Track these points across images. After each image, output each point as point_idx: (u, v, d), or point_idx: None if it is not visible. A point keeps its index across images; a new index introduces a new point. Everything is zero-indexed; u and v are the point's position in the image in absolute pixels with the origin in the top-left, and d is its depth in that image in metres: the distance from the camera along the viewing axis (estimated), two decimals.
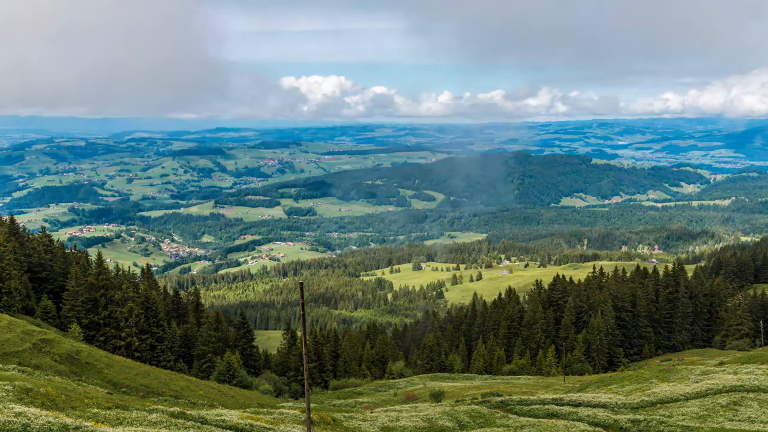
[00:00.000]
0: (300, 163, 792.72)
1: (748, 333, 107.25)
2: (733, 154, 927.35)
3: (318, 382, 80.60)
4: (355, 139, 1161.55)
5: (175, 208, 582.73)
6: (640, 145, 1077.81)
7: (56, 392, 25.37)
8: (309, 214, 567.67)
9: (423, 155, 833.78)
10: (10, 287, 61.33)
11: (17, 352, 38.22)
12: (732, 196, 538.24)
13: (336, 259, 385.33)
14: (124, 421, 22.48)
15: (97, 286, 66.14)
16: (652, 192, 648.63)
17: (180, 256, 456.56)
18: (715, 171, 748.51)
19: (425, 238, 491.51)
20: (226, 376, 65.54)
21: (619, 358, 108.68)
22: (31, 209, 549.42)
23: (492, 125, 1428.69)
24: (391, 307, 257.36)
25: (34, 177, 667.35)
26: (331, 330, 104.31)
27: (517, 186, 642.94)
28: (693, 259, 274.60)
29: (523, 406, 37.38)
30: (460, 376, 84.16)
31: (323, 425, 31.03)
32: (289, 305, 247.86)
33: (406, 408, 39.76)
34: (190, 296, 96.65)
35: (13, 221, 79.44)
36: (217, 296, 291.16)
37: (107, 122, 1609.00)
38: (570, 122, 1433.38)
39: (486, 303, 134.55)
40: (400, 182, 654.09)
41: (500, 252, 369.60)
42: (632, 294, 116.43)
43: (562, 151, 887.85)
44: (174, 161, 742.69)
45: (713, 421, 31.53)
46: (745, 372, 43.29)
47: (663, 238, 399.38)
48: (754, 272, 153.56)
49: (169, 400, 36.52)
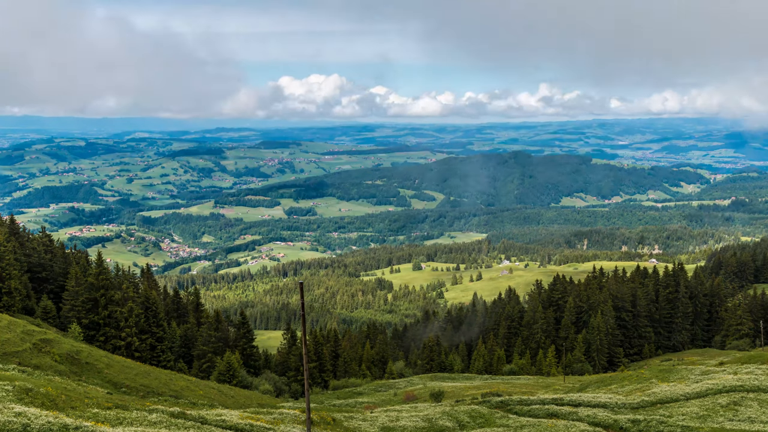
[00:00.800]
0: (300, 163, 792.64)
1: (748, 333, 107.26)
2: (733, 154, 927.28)
3: (318, 382, 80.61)
4: (355, 139, 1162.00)
5: (175, 208, 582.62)
6: (640, 145, 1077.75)
7: (56, 392, 25.37)
8: (309, 214, 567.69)
9: (423, 155, 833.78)
10: (10, 287, 61.35)
11: (17, 352, 38.22)
12: (732, 196, 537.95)
13: (336, 259, 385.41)
14: (124, 421, 22.48)
15: (97, 286, 66.12)
16: (652, 192, 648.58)
17: (180, 256, 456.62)
18: (715, 171, 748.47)
19: (425, 238, 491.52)
20: (226, 376, 65.54)
21: (619, 358, 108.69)
22: (31, 209, 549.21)
23: (492, 125, 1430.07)
24: (391, 307, 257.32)
25: (34, 177, 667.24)
26: (331, 330, 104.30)
27: (517, 186, 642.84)
28: (693, 259, 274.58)
29: (523, 406, 37.38)
30: (460, 376, 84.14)
31: (323, 425, 31.03)
32: (289, 305, 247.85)
33: (406, 408, 39.76)
34: (190, 296, 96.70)
35: (13, 221, 79.44)
36: (217, 296, 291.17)
37: (107, 122, 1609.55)
38: (570, 122, 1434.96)
39: (486, 303, 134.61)
40: (400, 182, 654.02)
41: (500, 252, 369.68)
42: (632, 294, 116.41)
43: (562, 151, 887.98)
44: (174, 161, 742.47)
45: (713, 421, 31.53)
46: (745, 372, 43.28)
47: (663, 238, 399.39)
48: (754, 272, 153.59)
49: (169, 400, 36.52)
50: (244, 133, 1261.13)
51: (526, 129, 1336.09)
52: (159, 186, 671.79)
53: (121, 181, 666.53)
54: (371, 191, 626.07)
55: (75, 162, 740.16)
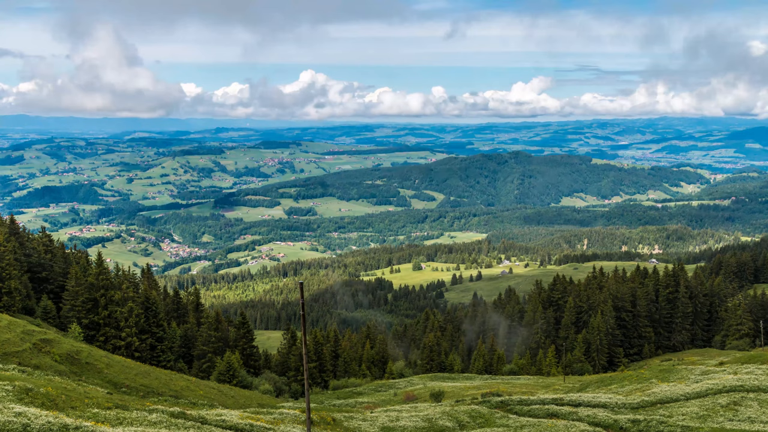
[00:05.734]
0: (300, 163, 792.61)
1: (748, 333, 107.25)
2: (733, 154, 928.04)
3: (318, 382, 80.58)
4: (355, 139, 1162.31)
5: (175, 208, 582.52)
6: (640, 145, 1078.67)
7: (56, 392, 25.36)
8: (309, 214, 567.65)
9: (423, 155, 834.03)
10: (10, 287, 61.34)
11: (17, 352, 38.21)
12: (732, 196, 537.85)
13: (336, 259, 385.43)
14: (124, 421, 22.48)
15: (97, 286, 66.11)
16: (652, 192, 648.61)
17: (180, 256, 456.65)
18: (715, 171, 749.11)
19: (425, 238, 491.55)
20: (226, 376, 65.52)
21: (619, 358, 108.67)
22: (31, 209, 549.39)
23: (492, 125, 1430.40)
24: (391, 307, 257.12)
25: (34, 177, 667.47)
26: (331, 330, 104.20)
27: (517, 186, 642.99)
28: (693, 259, 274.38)
29: (523, 406, 37.38)
30: (460, 376, 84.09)
31: (323, 425, 31.02)
32: (289, 305, 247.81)
33: (406, 408, 39.75)
34: (190, 296, 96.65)
35: (13, 221, 79.40)
36: (217, 296, 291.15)
37: (107, 122, 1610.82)
38: (570, 122, 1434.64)
39: (486, 303, 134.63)
40: (400, 182, 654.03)
41: (500, 252, 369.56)
42: (632, 294, 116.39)
43: (562, 151, 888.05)
44: (174, 161, 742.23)
45: (713, 421, 31.53)
46: (745, 372, 43.28)
47: (663, 238, 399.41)
48: (754, 272, 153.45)
49: (169, 400, 36.50)
50: (244, 132, 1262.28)
51: (526, 129, 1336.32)
52: (159, 186, 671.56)
53: (121, 181, 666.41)
54: (371, 191, 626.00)
55: (75, 162, 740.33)
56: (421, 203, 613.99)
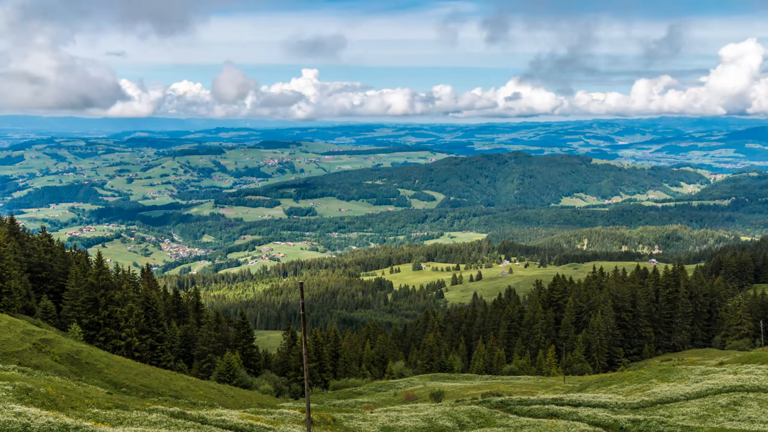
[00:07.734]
0: (300, 163, 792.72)
1: (748, 333, 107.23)
2: (733, 154, 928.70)
3: (318, 382, 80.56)
4: (355, 139, 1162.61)
5: (175, 208, 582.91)
6: (640, 145, 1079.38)
7: (56, 392, 25.36)
8: (309, 214, 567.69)
9: (423, 155, 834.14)
10: (10, 287, 61.31)
11: (17, 352, 38.21)
12: (732, 196, 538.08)
13: (336, 259, 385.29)
14: (124, 421, 22.49)
15: (97, 286, 66.11)
16: (652, 192, 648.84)
17: (180, 256, 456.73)
18: (715, 171, 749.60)
19: (425, 238, 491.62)
20: (226, 376, 65.52)
21: (619, 358, 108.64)
22: (31, 209, 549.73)
23: (492, 125, 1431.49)
24: (391, 307, 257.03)
25: (34, 177, 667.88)
26: (331, 330, 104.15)
27: (517, 186, 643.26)
28: (693, 259, 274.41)
29: (523, 406, 37.38)
30: (460, 376, 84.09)
31: (323, 425, 31.03)
32: (289, 305, 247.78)
33: (406, 408, 39.76)
34: (190, 296, 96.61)
35: (13, 221, 79.41)
36: (217, 296, 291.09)
37: (107, 122, 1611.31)
38: (570, 122, 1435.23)
39: (486, 303, 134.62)
40: (400, 182, 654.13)
41: (500, 252, 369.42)
42: (632, 294, 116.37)
43: (562, 151, 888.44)
44: (174, 161, 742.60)
45: (713, 421, 31.53)
46: (745, 372, 43.28)
47: (663, 238, 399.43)
48: (754, 272, 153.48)
49: (169, 400, 36.50)
50: (244, 132, 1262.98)
51: (526, 129, 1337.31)
52: (159, 186, 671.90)
53: (121, 181, 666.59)
54: (371, 191, 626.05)
55: (75, 162, 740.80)
56: (421, 203, 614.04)
